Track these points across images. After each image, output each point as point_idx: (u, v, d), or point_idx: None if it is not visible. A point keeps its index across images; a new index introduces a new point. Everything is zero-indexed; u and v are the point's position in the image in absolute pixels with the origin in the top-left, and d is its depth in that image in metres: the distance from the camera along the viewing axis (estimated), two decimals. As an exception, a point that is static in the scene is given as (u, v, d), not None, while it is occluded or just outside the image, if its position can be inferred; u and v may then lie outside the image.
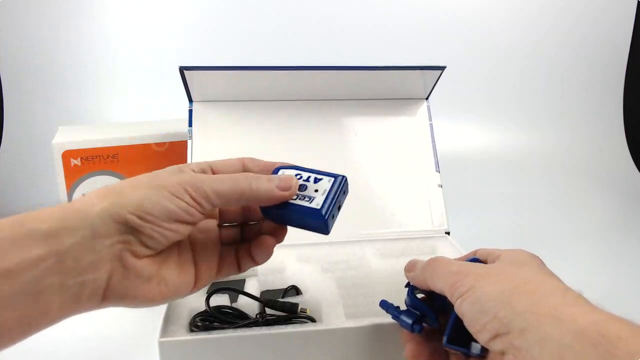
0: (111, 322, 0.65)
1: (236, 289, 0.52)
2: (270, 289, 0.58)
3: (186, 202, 0.32)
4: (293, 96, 0.74)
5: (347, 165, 0.73)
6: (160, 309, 0.48)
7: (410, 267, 0.44)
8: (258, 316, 0.48)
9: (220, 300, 0.51)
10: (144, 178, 0.34)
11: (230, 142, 0.71)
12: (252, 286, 0.56)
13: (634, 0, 1.37)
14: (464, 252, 0.62)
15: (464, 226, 0.80)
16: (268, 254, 0.39)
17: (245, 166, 0.39)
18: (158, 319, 0.47)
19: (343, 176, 0.37)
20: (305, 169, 0.38)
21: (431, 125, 0.76)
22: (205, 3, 1.29)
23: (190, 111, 0.70)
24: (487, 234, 0.93)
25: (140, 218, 0.31)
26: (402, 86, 0.75)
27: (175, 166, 0.36)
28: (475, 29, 1.35)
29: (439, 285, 0.37)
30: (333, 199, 0.36)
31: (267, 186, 0.35)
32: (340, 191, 0.37)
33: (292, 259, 0.62)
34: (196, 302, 0.51)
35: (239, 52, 1.26)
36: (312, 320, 0.49)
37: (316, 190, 0.36)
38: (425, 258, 0.63)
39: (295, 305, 0.50)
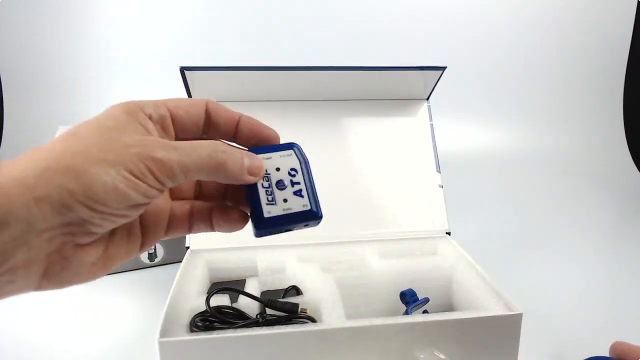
0: (111, 322, 0.65)
1: (236, 289, 0.52)
2: (271, 289, 0.58)
3: (148, 184, 0.26)
4: (293, 96, 0.74)
5: (347, 165, 0.73)
6: (160, 309, 0.48)
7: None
8: (258, 316, 0.48)
9: (221, 300, 0.51)
10: (92, 141, 0.26)
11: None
12: (253, 286, 0.56)
13: (634, 0, 1.37)
14: (465, 253, 0.62)
15: (465, 226, 0.80)
16: (231, 229, 0.34)
17: (208, 110, 0.32)
18: (158, 319, 0.47)
19: (319, 214, 0.34)
20: (307, 171, 0.34)
21: (432, 125, 0.76)
22: (205, 3, 1.29)
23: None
24: (487, 234, 0.93)
25: (91, 209, 0.25)
26: (403, 86, 0.75)
27: (126, 110, 0.28)
28: (475, 29, 1.35)
29: None
30: (286, 222, 0.32)
31: (235, 168, 0.30)
32: (301, 222, 0.33)
33: (293, 259, 0.62)
34: (196, 302, 0.51)
35: (239, 53, 1.26)
36: (312, 320, 0.49)
37: (285, 201, 0.32)
38: (425, 258, 0.63)
39: (296, 305, 0.50)
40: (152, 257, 0.80)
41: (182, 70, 0.64)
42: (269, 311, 0.50)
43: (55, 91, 1.26)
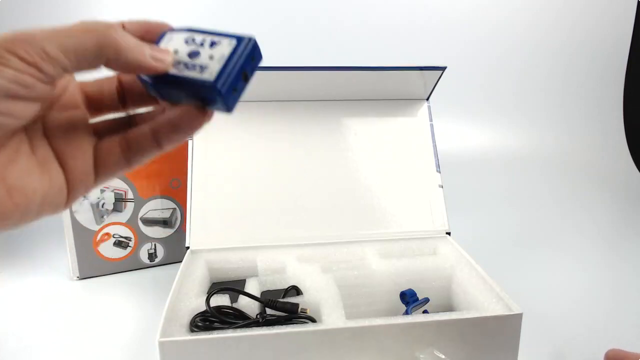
0: (111, 322, 0.65)
1: (237, 289, 0.52)
2: (271, 289, 0.58)
3: (14, 68, 0.22)
4: (294, 96, 0.74)
5: (347, 165, 0.73)
6: (160, 309, 0.48)
7: None
8: (258, 316, 0.48)
9: (221, 300, 0.51)
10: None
11: (230, 142, 0.71)
12: (253, 286, 0.56)
13: (634, 0, 1.37)
14: (465, 253, 0.62)
15: (465, 226, 0.80)
16: (187, 130, 0.28)
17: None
18: (158, 319, 0.47)
19: (249, 37, 0.28)
20: (201, 30, 0.29)
21: (432, 125, 0.76)
22: (205, 3, 1.29)
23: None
24: (487, 234, 0.93)
25: None
26: (403, 86, 0.75)
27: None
28: (475, 29, 1.35)
29: None
30: (234, 66, 0.27)
31: (135, 51, 0.25)
32: (245, 56, 0.27)
33: (293, 259, 0.62)
34: (196, 302, 0.51)
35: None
36: (312, 320, 0.49)
37: (211, 57, 0.27)
38: (425, 258, 0.64)
39: (296, 305, 0.50)
40: (152, 257, 0.80)
41: (182, 70, 0.64)
42: (269, 311, 0.50)
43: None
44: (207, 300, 0.48)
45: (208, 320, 0.47)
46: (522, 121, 1.37)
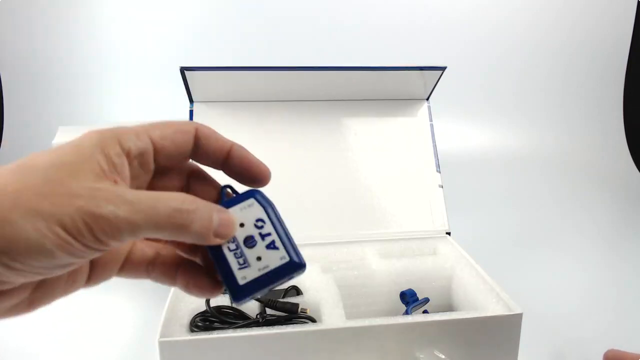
0: (111, 322, 0.65)
1: (236, 289, 0.52)
2: (271, 289, 0.58)
3: (84, 244, 0.21)
4: (293, 96, 0.74)
5: (347, 165, 0.73)
6: (160, 309, 0.48)
7: None
8: (258, 316, 0.48)
9: (221, 300, 0.51)
10: (35, 180, 0.21)
11: (230, 142, 0.71)
12: (253, 286, 0.56)
13: (634, 0, 1.37)
14: (465, 253, 0.62)
15: (465, 226, 0.80)
16: (201, 295, 0.28)
17: (197, 138, 0.27)
18: (158, 319, 0.47)
19: (301, 263, 0.27)
20: (277, 218, 0.28)
21: (432, 125, 0.76)
22: (205, 3, 1.29)
23: (191, 111, 0.70)
24: (487, 234, 0.93)
25: (6, 266, 0.20)
26: (403, 86, 0.75)
27: (100, 141, 0.23)
28: (475, 29, 1.35)
29: None
30: (266, 283, 0.27)
31: (202, 229, 0.24)
32: (284, 277, 0.27)
33: (293, 259, 0.62)
34: (196, 302, 0.51)
35: (239, 53, 1.26)
36: (312, 320, 0.49)
37: (259, 259, 0.27)
38: (425, 258, 0.63)
39: (296, 305, 0.50)
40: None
41: (182, 70, 0.64)
42: (269, 311, 0.50)
43: (55, 91, 1.26)
44: (207, 300, 0.48)
45: (208, 320, 0.47)
46: (522, 121, 1.37)
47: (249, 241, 0.27)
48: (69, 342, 0.61)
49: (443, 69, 0.70)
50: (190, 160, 0.28)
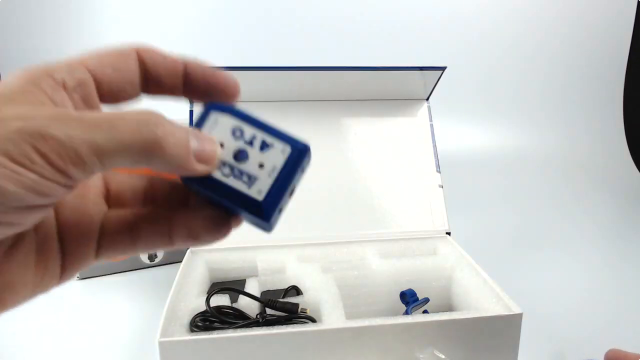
0: (111, 322, 0.65)
1: (236, 289, 0.52)
2: (271, 289, 0.58)
3: (40, 174, 0.17)
4: (293, 96, 0.74)
5: (347, 165, 0.73)
6: (160, 309, 0.48)
7: None
8: (258, 316, 0.48)
9: (221, 300, 0.51)
10: None
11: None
12: (253, 286, 0.56)
13: (634, 0, 1.37)
14: (465, 253, 0.63)
15: (465, 226, 0.80)
16: (211, 239, 0.23)
17: (142, 60, 0.24)
18: (158, 319, 0.47)
19: (305, 146, 0.24)
20: (250, 118, 0.24)
21: (432, 125, 0.76)
22: (205, 3, 1.30)
23: (191, 112, 0.70)
24: (487, 234, 0.93)
25: None
26: (403, 87, 0.75)
27: (27, 76, 0.20)
28: (474, 29, 1.35)
29: None
30: (284, 184, 0.23)
31: (180, 149, 0.20)
32: (298, 170, 0.23)
33: (293, 259, 0.62)
34: (196, 302, 0.51)
35: (239, 53, 1.27)
36: (312, 320, 0.49)
37: (261, 166, 0.23)
38: (425, 258, 0.63)
39: (296, 305, 0.50)
40: (152, 257, 0.80)
41: (182, 70, 0.64)
42: (269, 311, 0.50)
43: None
44: (207, 300, 0.48)
45: (208, 320, 0.47)
46: (522, 121, 1.37)
47: (240, 155, 0.23)
48: (69, 342, 0.61)
49: (443, 69, 0.70)
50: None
